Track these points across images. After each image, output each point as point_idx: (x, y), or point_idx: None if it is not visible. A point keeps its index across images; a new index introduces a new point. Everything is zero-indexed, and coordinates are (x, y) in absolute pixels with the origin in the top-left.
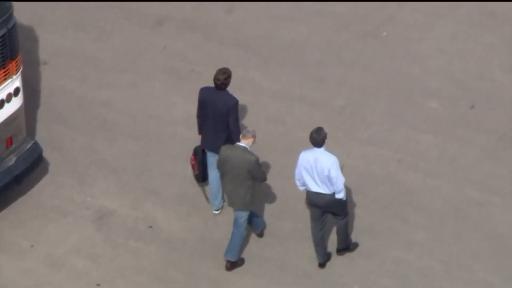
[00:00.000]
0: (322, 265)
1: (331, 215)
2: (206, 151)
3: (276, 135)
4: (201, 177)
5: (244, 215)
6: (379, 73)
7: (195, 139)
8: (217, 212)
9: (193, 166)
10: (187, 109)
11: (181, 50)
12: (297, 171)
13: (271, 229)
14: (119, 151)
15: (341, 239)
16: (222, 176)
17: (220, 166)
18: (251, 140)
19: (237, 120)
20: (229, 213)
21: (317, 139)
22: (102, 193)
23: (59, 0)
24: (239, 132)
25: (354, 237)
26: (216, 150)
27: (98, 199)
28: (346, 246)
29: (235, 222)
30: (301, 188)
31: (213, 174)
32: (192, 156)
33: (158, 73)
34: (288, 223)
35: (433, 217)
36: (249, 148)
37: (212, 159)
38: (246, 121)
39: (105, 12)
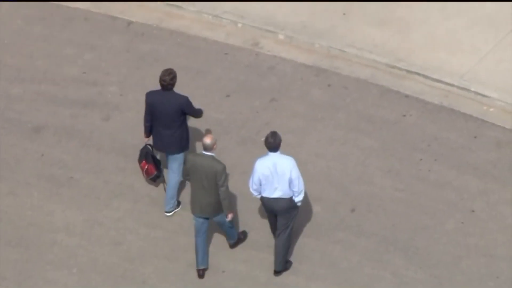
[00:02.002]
0: (277, 272)
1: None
2: (166, 154)
3: (156, 241)
4: (161, 175)
5: (223, 217)
6: None
7: (76, 246)
8: (169, 214)
9: (147, 170)
10: (67, 215)
11: (59, 158)
12: (254, 179)
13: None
14: None
15: (281, 257)
16: (191, 182)
17: (187, 173)
18: (215, 147)
19: (196, 109)
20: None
21: (273, 143)
22: None
23: None
24: (201, 113)
25: None
26: (173, 152)
27: None
28: (285, 266)
29: (223, 226)
30: (258, 196)
31: (172, 177)
32: (143, 161)
33: (37, 181)
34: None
35: None
36: (216, 156)
37: (171, 162)
38: (126, 227)
39: None
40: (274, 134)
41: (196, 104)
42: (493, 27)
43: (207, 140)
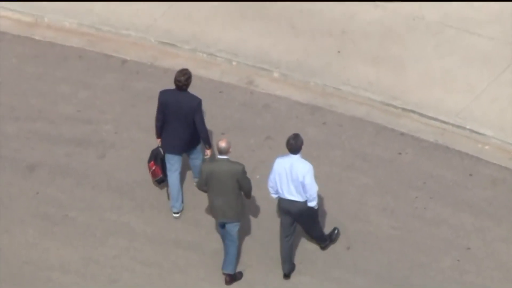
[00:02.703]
0: (286, 275)
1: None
2: (166, 153)
3: (152, 278)
4: (165, 179)
5: (237, 226)
6: (254, 216)
7: (72, 284)
8: (177, 215)
9: (154, 172)
10: (62, 253)
11: (54, 196)
12: (271, 177)
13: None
14: None
15: (289, 259)
16: (209, 192)
17: (205, 183)
18: (230, 150)
19: (202, 118)
20: None
21: (294, 145)
22: None
23: None
24: (206, 131)
25: None
26: (177, 152)
27: None
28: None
29: (228, 235)
30: (274, 195)
31: (173, 176)
32: (152, 162)
33: (32, 219)
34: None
35: None
36: (230, 159)
37: (171, 162)
38: (122, 265)
39: None
40: (296, 136)
41: None
42: (488, 65)
43: (222, 143)
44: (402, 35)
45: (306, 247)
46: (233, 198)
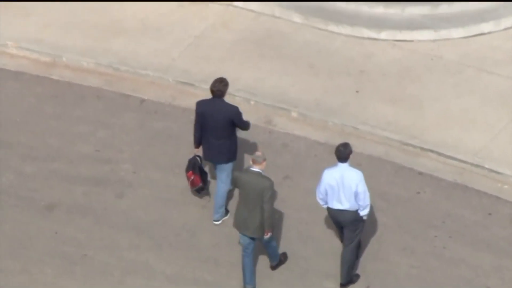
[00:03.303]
0: (343, 285)
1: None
2: (211, 162)
3: None
4: (205, 187)
5: (269, 238)
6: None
7: None
8: (217, 222)
9: (192, 181)
10: None
11: (72, 235)
12: (321, 189)
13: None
14: None
15: (346, 270)
16: (238, 199)
17: (234, 184)
18: (263, 164)
19: (244, 122)
20: None
21: (344, 152)
22: None
23: None
24: (249, 124)
25: None
26: (220, 162)
27: None
28: (350, 279)
29: (267, 245)
30: (324, 206)
31: (221, 187)
32: (190, 171)
33: (50, 258)
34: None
35: None
36: (263, 173)
37: (219, 172)
38: None
39: None
40: (345, 144)
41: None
42: (506, 104)
43: (257, 152)
44: (420, 75)
45: (325, 287)
46: (257, 213)
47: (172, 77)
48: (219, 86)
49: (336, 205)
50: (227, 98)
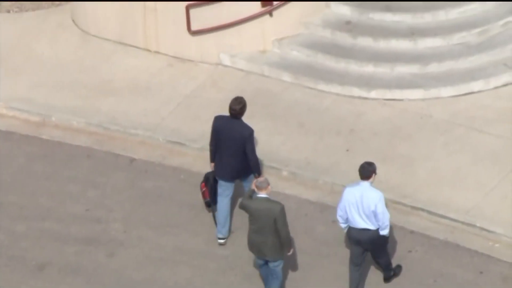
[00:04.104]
0: None
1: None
2: (217, 178)
3: None
4: (212, 203)
5: (280, 264)
6: None
7: None
8: (222, 241)
9: (203, 193)
10: None
11: None
12: (341, 206)
13: None
14: None
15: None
16: (249, 224)
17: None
18: (269, 188)
19: (253, 148)
20: None
21: (367, 169)
22: None
23: None
24: (257, 161)
25: None
26: (227, 179)
27: None
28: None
29: (271, 271)
30: (343, 225)
31: (223, 202)
32: (203, 183)
33: None
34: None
35: None
36: (270, 198)
37: (223, 187)
38: None
39: None
40: (371, 163)
41: (204, 238)
42: (497, 163)
43: (260, 178)
44: (411, 134)
45: None
46: (271, 238)
47: (162, 136)
48: (237, 109)
49: (359, 224)
50: None
